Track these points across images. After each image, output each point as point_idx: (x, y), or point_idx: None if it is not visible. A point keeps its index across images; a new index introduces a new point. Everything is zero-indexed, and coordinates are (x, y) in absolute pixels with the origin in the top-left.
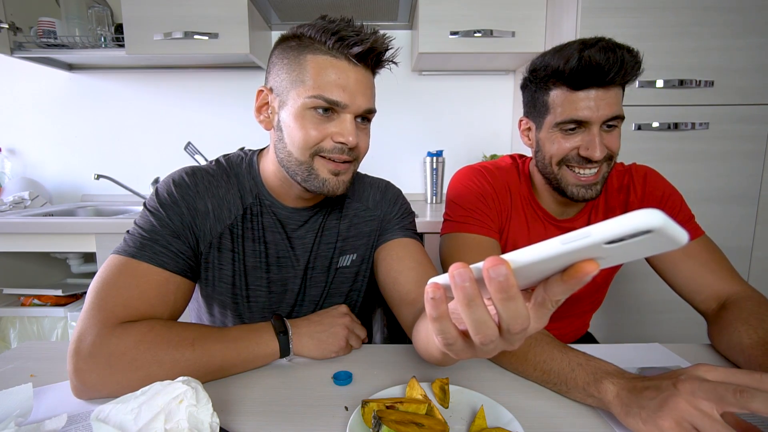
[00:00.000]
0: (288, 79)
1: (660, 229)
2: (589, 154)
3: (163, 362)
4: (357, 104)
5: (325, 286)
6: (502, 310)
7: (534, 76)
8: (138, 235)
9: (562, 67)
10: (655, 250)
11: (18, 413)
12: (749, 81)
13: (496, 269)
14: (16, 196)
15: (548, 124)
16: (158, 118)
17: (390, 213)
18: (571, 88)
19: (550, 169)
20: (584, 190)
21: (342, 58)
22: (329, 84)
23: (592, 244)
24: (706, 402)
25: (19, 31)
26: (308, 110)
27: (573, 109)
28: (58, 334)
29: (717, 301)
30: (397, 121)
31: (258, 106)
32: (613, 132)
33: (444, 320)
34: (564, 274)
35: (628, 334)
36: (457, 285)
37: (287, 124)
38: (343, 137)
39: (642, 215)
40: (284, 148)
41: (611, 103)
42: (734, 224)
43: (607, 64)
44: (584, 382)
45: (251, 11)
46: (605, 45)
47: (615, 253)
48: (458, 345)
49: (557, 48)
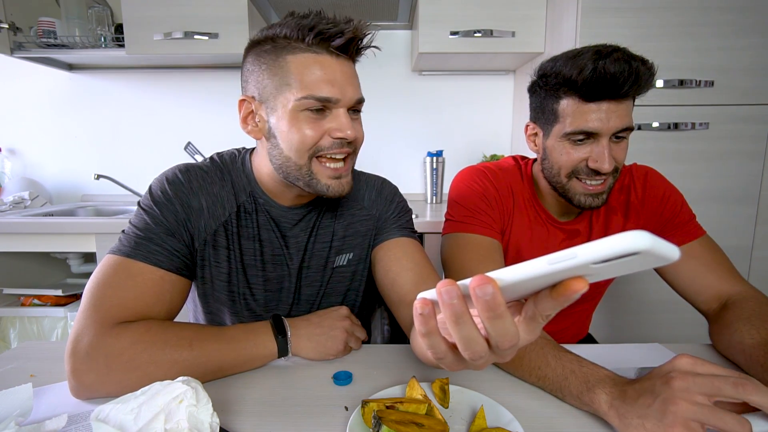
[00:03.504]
0: (272, 85)
1: (647, 251)
2: (598, 166)
3: (160, 362)
4: (348, 96)
5: (321, 285)
6: (490, 327)
7: (544, 81)
8: (133, 234)
9: (575, 77)
10: (646, 267)
11: (18, 413)
12: (749, 81)
13: (482, 288)
14: (16, 196)
15: (556, 133)
16: (158, 118)
17: (386, 212)
18: (583, 99)
19: (558, 179)
20: (591, 199)
21: (324, 53)
22: (316, 81)
23: (579, 265)
24: (702, 396)
25: (19, 31)
26: (301, 112)
27: (583, 121)
28: (58, 334)
29: (718, 301)
30: (397, 121)
31: (243, 116)
32: (621, 143)
33: (433, 335)
34: (553, 291)
35: (628, 334)
36: (445, 302)
37: (281, 130)
38: (341, 132)
39: (629, 238)
40: (281, 154)
41: (622, 115)
42: (734, 224)
43: (622, 77)
44: (578, 391)
45: (251, 11)
46: (620, 56)
47: (603, 271)
48: (449, 358)
49: (570, 54)
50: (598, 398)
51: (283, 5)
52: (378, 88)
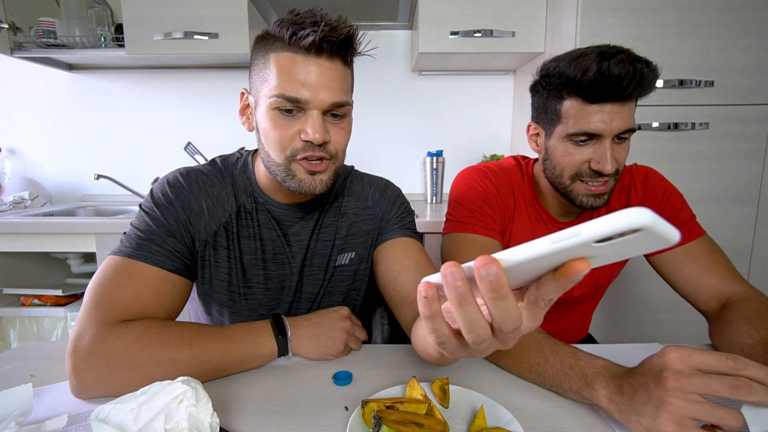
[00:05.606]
0: (259, 80)
1: (649, 227)
2: (600, 167)
3: (160, 361)
4: (320, 99)
5: (323, 284)
6: (494, 309)
7: (547, 82)
8: (134, 236)
9: (579, 78)
10: (647, 249)
11: (18, 413)
12: (749, 81)
13: (486, 268)
14: (16, 196)
15: (559, 134)
16: (158, 118)
17: (389, 212)
18: (586, 100)
19: (560, 180)
20: (594, 200)
21: (300, 52)
22: (290, 81)
23: (582, 242)
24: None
25: (19, 31)
26: (273, 110)
27: (586, 122)
28: (58, 334)
29: (718, 301)
30: (397, 121)
31: (241, 107)
32: (623, 144)
33: (437, 319)
34: (555, 273)
35: (628, 334)
36: (449, 284)
37: (261, 126)
38: (308, 135)
39: (631, 214)
40: (263, 149)
41: (625, 117)
42: (734, 224)
43: (626, 78)
44: (577, 386)
45: (251, 11)
46: (624, 57)
47: (606, 252)
48: (451, 344)
49: (573, 55)
50: (597, 394)
51: (283, 5)
52: (378, 88)
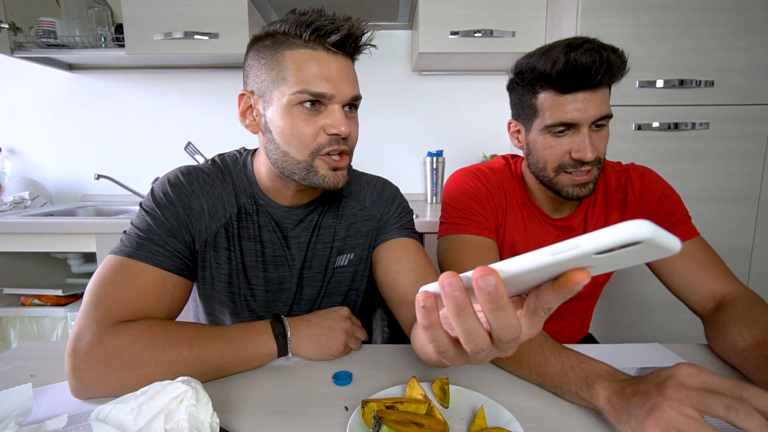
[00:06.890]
0: (269, 79)
1: (650, 240)
2: (580, 156)
3: (160, 361)
4: (343, 93)
5: (322, 285)
6: (492, 319)
7: (521, 78)
8: (134, 235)
9: (549, 71)
10: (648, 258)
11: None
12: (749, 81)
13: (485, 279)
14: (16, 196)
15: (537, 127)
16: (158, 118)
17: (387, 212)
18: (559, 91)
19: (545, 174)
20: (579, 189)
21: (320, 49)
22: (312, 77)
23: (582, 255)
24: (692, 409)
25: (19, 31)
26: (295, 107)
27: (561, 112)
28: (58, 334)
29: (712, 301)
30: (397, 121)
31: (242, 110)
32: (601, 131)
33: (435, 329)
34: (555, 283)
35: (628, 334)
36: (447, 294)
37: (276, 124)
38: (335, 128)
39: (632, 226)
40: (277, 148)
41: (599, 104)
42: (734, 224)
43: (594, 67)
44: (577, 387)
45: (251, 11)
46: (591, 47)
47: (606, 262)
48: (450, 352)
49: (542, 49)
50: (596, 394)
51: (283, 5)
52: (378, 88)
